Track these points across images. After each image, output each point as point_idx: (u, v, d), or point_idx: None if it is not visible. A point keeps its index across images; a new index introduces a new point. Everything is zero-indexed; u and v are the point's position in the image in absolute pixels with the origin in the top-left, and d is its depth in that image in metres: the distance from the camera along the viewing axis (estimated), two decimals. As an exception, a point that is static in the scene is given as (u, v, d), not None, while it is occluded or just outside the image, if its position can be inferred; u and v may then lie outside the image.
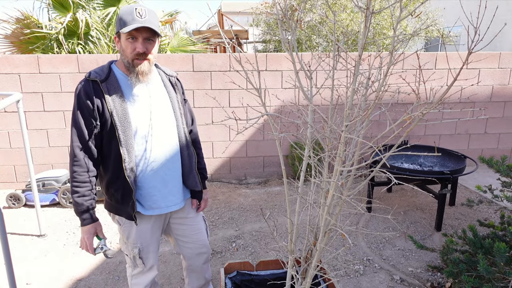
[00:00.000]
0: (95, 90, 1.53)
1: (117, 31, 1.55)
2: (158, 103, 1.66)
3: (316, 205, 1.51)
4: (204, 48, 6.30)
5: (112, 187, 1.63)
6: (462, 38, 11.22)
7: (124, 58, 1.55)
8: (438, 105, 1.09)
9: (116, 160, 1.57)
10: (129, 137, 1.55)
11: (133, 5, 1.56)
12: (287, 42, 1.42)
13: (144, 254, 1.73)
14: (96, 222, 1.63)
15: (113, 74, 1.58)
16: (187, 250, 1.89)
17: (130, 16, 1.49)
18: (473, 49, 1.05)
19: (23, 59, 4.04)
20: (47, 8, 5.53)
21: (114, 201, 1.67)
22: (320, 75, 4.45)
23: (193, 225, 1.85)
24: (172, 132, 1.69)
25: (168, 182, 1.69)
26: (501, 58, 4.76)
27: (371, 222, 3.55)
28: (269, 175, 4.82)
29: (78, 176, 1.54)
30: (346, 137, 1.23)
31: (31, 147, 4.25)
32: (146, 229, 1.71)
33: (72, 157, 1.54)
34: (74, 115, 1.54)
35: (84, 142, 1.54)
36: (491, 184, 2.72)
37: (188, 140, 1.76)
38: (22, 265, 2.87)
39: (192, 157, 1.77)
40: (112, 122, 1.53)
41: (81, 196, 1.56)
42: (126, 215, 1.65)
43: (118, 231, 1.78)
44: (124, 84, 1.59)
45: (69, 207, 3.94)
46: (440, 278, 2.63)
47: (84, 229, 1.61)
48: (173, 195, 1.72)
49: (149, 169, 1.63)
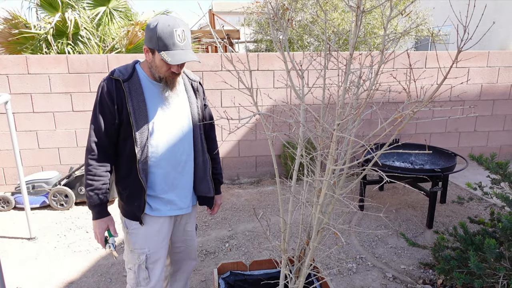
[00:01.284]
0: (117, 88, 1.54)
1: (153, 47, 1.51)
2: (178, 108, 1.66)
3: (309, 204, 1.51)
4: (196, 48, 6.27)
5: (121, 185, 1.64)
6: (452, 37, 11.35)
7: (156, 72, 1.56)
8: (428, 104, 1.10)
9: (129, 159, 1.58)
10: (145, 139, 1.56)
11: (172, 22, 1.49)
12: (278, 41, 1.42)
13: (150, 263, 1.67)
14: (108, 217, 1.63)
15: (136, 74, 1.59)
16: (179, 255, 1.88)
17: (171, 41, 1.47)
18: (463, 48, 1.06)
19: (12, 59, 3.98)
20: (35, 8, 5.46)
21: (120, 199, 1.68)
22: (311, 74, 4.46)
23: (190, 230, 1.85)
24: (188, 138, 1.69)
25: (176, 187, 1.68)
26: (490, 57, 4.83)
27: (364, 220, 3.57)
28: (261, 175, 4.82)
29: (93, 169, 1.56)
30: (338, 136, 1.23)
31: (20, 149, 4.19)
32: (154, 232, 1.67)
33: (89, 151, 1.56)
34: (95, 111, 1.56)
35: (101, 137, 1.56)
36: (481, 181, 2.75)
37: (204, 146, 1.76)
38: (12, 268, 2.83)
39: (207, 164, 1.77)
40: (130, 121, 1.55)
41: (95, 190, 1.56)
42: (131, 215, 1.64)
43: (125, 241, 1.74)
44: (146, 86, 1.60)
45: (60, 209, 3.90)
46: (432, 275, 2.66)
47: (96, 223, 1.61)
48: (181, 200, 1.71)
49: (160, 172, 1.63)
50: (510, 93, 5.01)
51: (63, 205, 3.89)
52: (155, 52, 1.51)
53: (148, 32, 1.50)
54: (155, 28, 1.47)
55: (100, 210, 1.61)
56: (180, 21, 1.51)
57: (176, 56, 1.48)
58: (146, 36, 1.52)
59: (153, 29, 1.48)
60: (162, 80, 1.58)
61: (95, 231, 1.63)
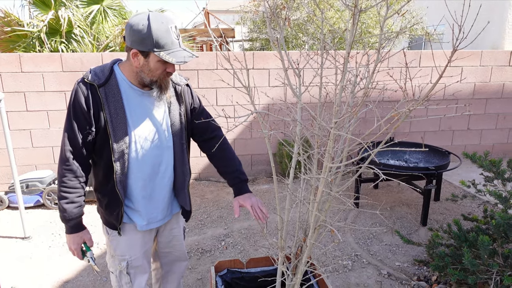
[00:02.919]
0: (92, 94, 1.39)
1: (147, 50, 1.35)
2: (158, 116, 1.53)
3: (306, 202, 1.52)
4: (190, 47, 6.26)
5: (100, 192, 1.55)
6: (445, 36, 11.44)
7: (147, 76, 1.42)
8: (424, 102, 1.11)
9: (106, 169, 1.48)
10: (123, 149, 1.45)
11: (164, 19, 1.36)
12: (276, 40, 1.43)
13: (132, 268, 1.62)
14: (84, 231, 1.53)
15: (114, 77, 1.43)
16: (168, 258, 1.84)
17: (169, 39, 1.35)
18: (458, 47, 1.07)
19: (4, 57, 3.94)
20: (28, 6, 5.40)
21: (99, 205, 1.59)
22: (308, 73, 4.47)
23: (177, 235, 1.80)
24: (168, 147, 1.58)
25: (153, 199, 1.59)
26: (483, 56, 4.88)
27: (359, 218, 3.60)
28: (257, 173, 4.82)
29: (68, 181, 1.44)
30: (335, 134, 1.24)
31: (13, 148, 4.16)
32: (135, 240, 1.61)
33: (63, 161, 1.44)
34: (69, 116, 1.41)
35: (76, 146, 1.42)
36: (474, 179, 2.78)
37: (184, 156, 1.64)
38: (7, 268, 2.81)
39: (186, 175, 1.67)
40: (107, 130, 1.42)
41: (70, 203, 1.46)
42: (110, 224, 1.57)
43: (106, 245, 1.67)
44: (125, 92, 1.45)
45: (54, 208, 3.87)
46: (426, 272, 2.69)
47: (70, 238, 1.51)
48: (160, 212, 1.63)
49: (138, 184, 1.53)
50: (502, 92, 5.07)
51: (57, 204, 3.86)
52: (149, 55, 1.36)
53: (136, 33, 1.33)
54: (147, 28, 1.31)
55: (75, 224, 1.50)
56: (168, 16, 1.39)
57: (179, 55, 1.36)
58: (133, 39, 1.35)
59: (144, 30, 1.32)
60: (155, 84, 1.44)
61: (69, 246, 1.52)
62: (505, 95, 5.08)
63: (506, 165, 2.59)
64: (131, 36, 1.35)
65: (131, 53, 1.38)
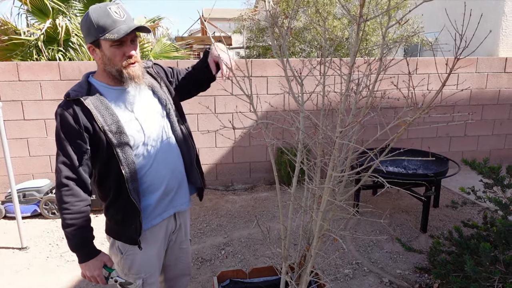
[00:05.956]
0: (79, 109, 1.35)
1: (95, 39, 1.34)
2: (147, 105, 1.51)
3: (310, 210, 1.51)
4: (187, 55, 6.27)
5: (113, 208, 1.48)
6: (440, 44, 11.54)
7: (111, 67, 1.39)
8: (429, 110, 1.12)
9: (117, 180, 1.41)
10: (129, 154, 1.40)
11: (102, 5, 1.36)
12: (278, 49, 1.43)
13: (147, 285, 1.57)
14: (101, 254, 1.43)
15: (93, 88, 1.42)
16: (174, 272, 1.80)
17: (109, 19, 1.32)
18: (458, 55, 1.08)
19: (2, 66, 3.92)
20: (25, 14, 5.40)
21: (113, 223, 1.51)
22: (308, 81, 4.49)
23: (185, 248, 1.77)
24: (169, 133, 1.55)
25: (171, 191, 1.56)
26: (478, 63, 4.93)
27: (359, 225, 3.59)
28: (256, 181, 4.81)
29: (71, 207, 1.35)
30: (339, 143, 1.24)
31: (10, 157, 4.12)
32: (152, 255, 1.56)
33: (60, 187, 1.36)
34: (59, 140, 1.36)
35: (74, 170, 1.36)
36: (473, 185, 2.79)
37: (184, 132, 1.62)
38: (4, 279, 2.76)
39: (191, 151, 1.63)
40: (107, 140, 1.37)
41: (79, 229, 1.36)
42: (128, 239, 1.49)
43: (117, 264, 1.57)
44: (108, 95, 1.43)
45: (52, 218, 3.83)
46: (428, 279, 2.68)
47: (87, 266, 1.39)
48: (180, 198, 1.61)
49: (154, 184, 1.49)
50: (498, 98, 5.11)
51: (55, 214, 3.82)
52: (100, 43, 1.35)
53: (84, 28, 1.36)
54: (88, 17, 1.33)
55: (89, 250, 1.40)
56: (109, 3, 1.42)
57: (121, 30, 1.32)
58: (84, 34, 1.38)
59: (87, 21, 1.34)
60: (123, 75, 1.40)
61: (89, 274, 1.40)
62: (501, 101, 5.13)
63: (506, 171, 2.60)
64: (83, 34, 1.40)
65: (89, 51, 1.41)
